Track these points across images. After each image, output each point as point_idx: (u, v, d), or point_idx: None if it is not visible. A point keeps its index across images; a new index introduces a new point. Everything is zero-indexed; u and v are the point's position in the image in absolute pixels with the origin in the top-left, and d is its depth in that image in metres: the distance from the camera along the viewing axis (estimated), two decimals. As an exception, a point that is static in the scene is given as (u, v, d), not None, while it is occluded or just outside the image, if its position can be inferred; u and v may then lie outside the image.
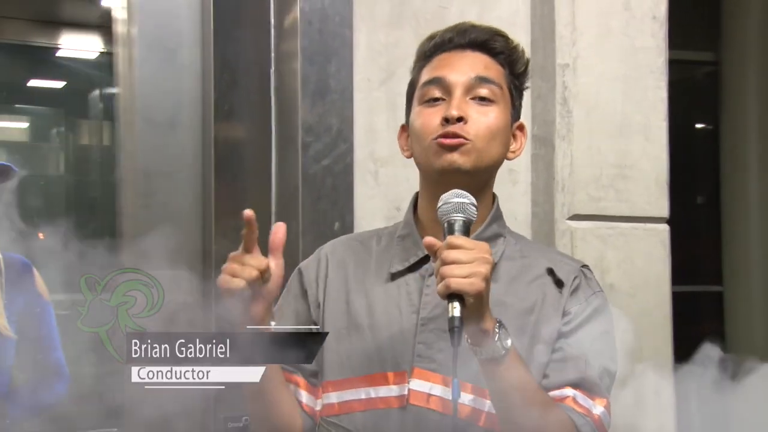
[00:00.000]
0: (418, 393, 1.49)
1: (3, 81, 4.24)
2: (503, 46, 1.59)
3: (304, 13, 2.12)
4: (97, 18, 3.66)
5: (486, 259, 1.33)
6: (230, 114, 2.23)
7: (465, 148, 1.49)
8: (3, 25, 3.62)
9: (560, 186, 2.24)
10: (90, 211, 4.36)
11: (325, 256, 1.65)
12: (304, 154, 2.13)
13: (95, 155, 4.56)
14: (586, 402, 1.49)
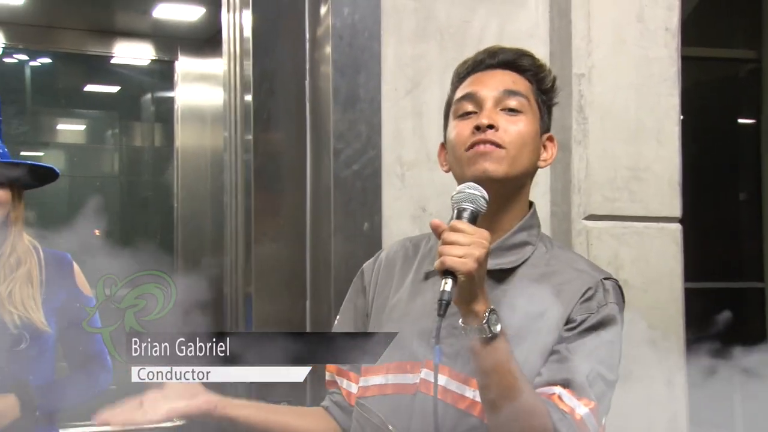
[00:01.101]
0: (426, 382, 1.57)
1: (61, 87, 4.43)
2: (530, 64, 1.68)
3: (335, 28, 2.24)
4: (148, 28, 3.82)
5: (482, 245, 1.41)
6: (268, 121, 2.35)
7: (498, 156, 1.57)
8: (61, 35, 3.77)
9: (576, 188, 2.34)
10: (142, 209, 4.55)
11: (381, 258, 1.76)
12: (336, 160, 2.24)
13: (147, 156, 4.72)
14: (571, 401, 1.52)
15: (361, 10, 2.24)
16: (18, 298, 2.29)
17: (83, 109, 4.78)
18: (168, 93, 4.07)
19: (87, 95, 4.68)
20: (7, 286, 2.29)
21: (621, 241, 2.37)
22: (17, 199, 2.34)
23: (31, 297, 2.32)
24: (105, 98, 4.76)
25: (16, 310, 2.28)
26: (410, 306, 1.65)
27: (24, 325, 2.28)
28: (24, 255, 2.34)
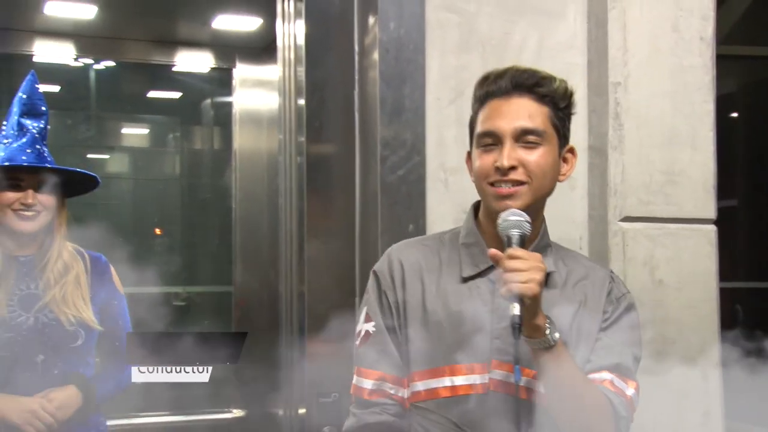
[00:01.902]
0: (497, 381, 1.69)
1: (126, 94, 4.60)
2: (547, 91, 1.76)
3: (382, 42, 2.35)
4: (208, 37, 3.96)
5: (540, 268, 1.57)
6: (320, 129, 2.47)
7: (520, 193, 1.69)
8: (126, 46, 3.93)
9: (613, 191, 2.42)
10: (202, 210, 4.70)
11: (397, 260, 1.82)
12: (383, 165, 2.35)
13: (207, 159, 4.88)
14: (621, 384, 1.71)
15: (406, 25, 2.35)
16: (70, 299, 2.38)
17: (147, 114, 4.94)
18: (226, 98, 4.20)
19: (150, 101, 4.84)
20: (60, 289, 2.38)
21: (656, 242, 2.44)
22: (61, 205, 2.42)
23: (81, 297, 2.41)
24: (167, 104, 4.91)
25: (70, 310, 2.37)
26: (456, 311, 1.74)
27: (78, 324, 2.38)
28: (70, 259, 2.43)
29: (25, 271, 2.39)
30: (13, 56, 4.07)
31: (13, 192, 2.34)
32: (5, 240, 2.38)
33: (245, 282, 3.78)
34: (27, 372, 2.33)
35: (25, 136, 2.37)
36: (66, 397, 2.35)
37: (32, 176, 2.35)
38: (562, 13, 2.51)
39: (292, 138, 2.65)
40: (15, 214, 2.35)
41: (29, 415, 2.30)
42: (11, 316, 2.33)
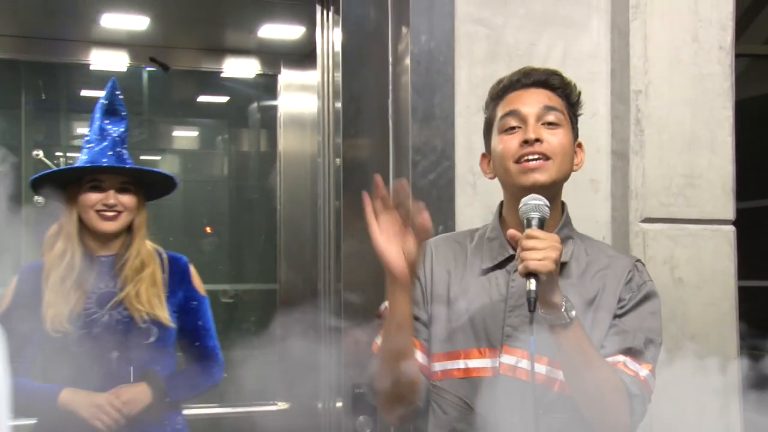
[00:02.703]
0: (507, 365, 1.80)
1: (177, 99, 4.76)
2: (560, 83, 1.89)
3: (414, 54, 2.48)
4: (254, 45, 4.06)
5: (556, 247, 1.64)
6: (355, 136, 2.60)
7: (545, 167, 1.80)
8: (177, 54, 4.02)
9: (634, 194, 2.53)
10: (248, 211, 4.83)
11: (430, 251, 1.96)
12: (414, 170, 2.48)
13: (253, 161, 5.01)
14: (634, 366, 1.78)
15: (436, 38, 2.49)
16: (144, 297, 2.44)
17: (196, 118, 5.10)
18: (271, 102, 4.31)
19: (200, 106, 4.98)
20: (134, 287, 2.44)
21: (676, 242, 2.54)
22: (141, 205, 2.51)
23: (156, 296, 2.47)
24: (215, 108, 5.05)
25: (143, 307, 2.43)
26: (474, 299, 1.86)
27: (151, 321, 2.44)
28: (147, 258, 2.49)
29: (105, 270, 2.47)
30: (71, 65, 4.25)
31: (95, 193, 2.43)
32: (88, 240, 2.47)
33: (289, 280, 3.86)
34: (102, 368, 2.41)
35: (106, 140, 2.45)
36: (135, 393, 2.40)
37: (113, 178, 2.44)
38: (586, 24, 2.62)
39: (330, 140, 2.77)
40: (97, 215, 2.42)
41: (96, 410, 2.35)
42: (87, 313, 2.40)
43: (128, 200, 2.46)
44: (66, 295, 2.40)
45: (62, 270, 2.42)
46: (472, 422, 1.82)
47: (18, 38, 3.81)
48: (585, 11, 2.62)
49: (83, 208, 2.45)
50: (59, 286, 2.41)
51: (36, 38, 3.81)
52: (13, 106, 4.53)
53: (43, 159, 4.28)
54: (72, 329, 2.38)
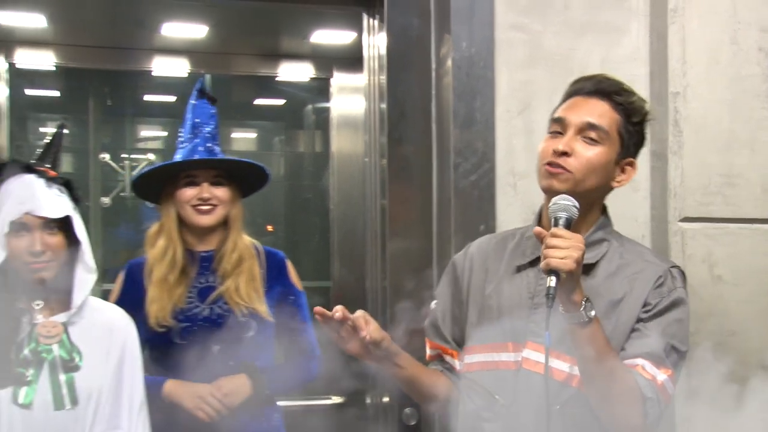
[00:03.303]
0: (529, 360, 1.87)
1: (235, 102, 4.93)
2: (624, 101, 1.92)
3: (455, 60, 2.56)
4: (308, 50, 4.19)
5: (579, 247, 1.70)
6: (400, 140, 2.68)
7: (563, 177, 1.86)
8: (235, 60, 4.20)
9: (672, 193, 2.56)
10: (303, 210, 4.98)
11: (471, 252, 2.06)
12: (456, 172, 2.55)
13: (308, 161, 5.15)
14: (653, 370, 1.81)
15: (477, 45, 2.56)
16: (244, 291, 2.47)
17: (253, 120, 5.28)
18: (324, 104, 4.42)
19: (257, 108, 5.16)
20: (233, 281, 2.47)
21: (715, 240, 2.57)
22: (236, 199, 2.53)
23: (254, 290, 2.49)
24: (272, 111, 5.23)
25: (243, 301, 2.46)
26: (505, 295, 1.94)
27: (250, 315, 2.47)
28: (245, 252, 2.52)
29: (205, 265, 2.51)
30: (135, 72, 4.46)
31: (190, 189, 2.47)
32: (187, 236, 2.52)
33: (342, 277, 3.95)
34: (204, 361, 2.44)
35: (197, 137, 2.50)
36: (235, 385, 2.44)
37: (206, 172, 2.47)
38: (625, 28, 2.67)
39: (376, 140, 2.86)
40: (193, 209, 2.47)
41: (198, 400, 2.40)
42: (189, 307, 2.46)
43: (222, 193, 2.49)
44: (169, 291, 2.45)
45: (165, 266, 2.47)
46: (496, 413, 1.90)
47: (85, 48, 4.01)
48: (624, 16, 2.67)
49: (180, 204, 2.49)
50: (162, 282, 2.46)
51: (102, 48, 4.00)
52: (82, 112, 4.75)
53: (109, 162, 4.48)
54: (175, 323, 2.44)
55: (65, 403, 2.05)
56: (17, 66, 3.96)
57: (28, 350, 2.05)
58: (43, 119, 5.01)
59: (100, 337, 2.15)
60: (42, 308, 2.12)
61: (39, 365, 2.05)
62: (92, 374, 2.10)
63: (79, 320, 2.13)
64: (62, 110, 5.01)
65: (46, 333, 2.08)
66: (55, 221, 2.09)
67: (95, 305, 2.21)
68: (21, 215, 2.06)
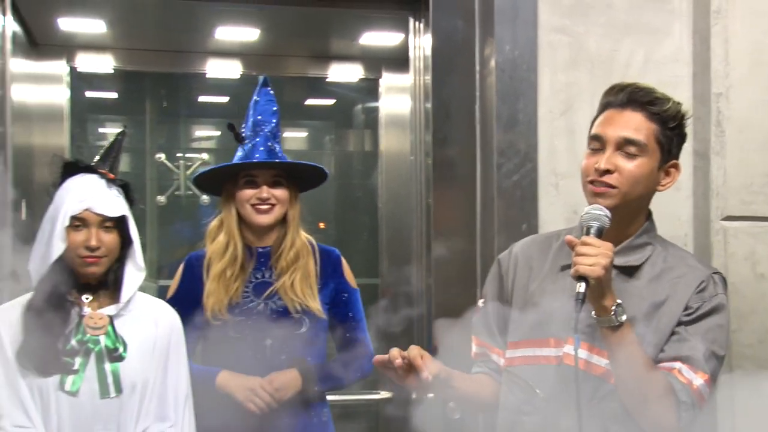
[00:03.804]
0: (569, 355, 1.92)
1: (286, 102, 4.80)
2: (658, 110, 1.94)
3: (498, 63, 2.61)
4: (357, 52, 4.27)
5: (607, 255, 1.76)
6: (445, 141, 2.74)
7: (609, 194, 1.90)
8: (286, 61, 4.30)
9: (715, 193, 2.59)
10: (353, 208, 5.03)
11: (515, 251, 2.12)
12: (499, 172, 2.60)
13: (357, 160, 5.20)
14: (689, 374, 1.85)
15: (520, 47, 2.61)
16: (298, 287, 2.51)
17: (304, 120, 5.32)
18: (374, 104, 4.48)
19: (308, 109, 5.22)
20: (289, 277, 2.52)
21: (757, 239, 2.58)
22: (294, 198, 2.57)
23: (309, 287, 2.53)
24: (322, 111, 5.27)
25: (297, 298, 2.50)
26: (548, 293, 1.99)
27: (304, 311, 2.51)
28: (301, 250, 2.56)
29: (262, 261, 2.56)
30: (189, 75, 4.57)
31: (249, 189, 2.52)
32: (247, 233, 2.56)
33: (390, 274, 4.01)
34: (257, 354, 2.50)
35: (258, 136, 2.54)
36: (286, 380, 2.47)
37: (266, 172, 2.51)
38: (668, 30, 2.69)
39: (422, 139, 2.93)
40: (253, 208, 2.51)
41: (250, 393, 2.44)
42: (244, 301, 2.51)
43: (281, 193, 2.53)
44: (226, 285, 2.50)
45: (225, 261, 2.52)
46: (536, 405, 1.96)
47: (143, 52, 4.14)
48: (667, 17, 2.70)
49: (240, 202, 2.54)
50: (220, 276, 2.51)
51: (158, 51, 4.12)
52: (139, 114, 4.88)
53: (165, 161, 4.60)
54: (230, 317, 2.49)
55: (110, 391, 2.16)
56: (78, 69, 4.10)
57: (76, 340, 2.16)
58: (102, 120, 5.13)
59: (145, 331, 2.24)
60: (91, 301, 2.23)
61: (86, 355, 2.16)
62: (136, 365, 2.20)
63: (126, 314, 2.23)
64: (120, 112, 5.13)
65: (93, 324, 2.19)
66: (112, 220, 2.20)
67: (142, 300, 2.31)
68: (81, 211, 2.17)
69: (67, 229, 2.16)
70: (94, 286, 2.23)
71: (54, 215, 2.18)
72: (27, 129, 3.63)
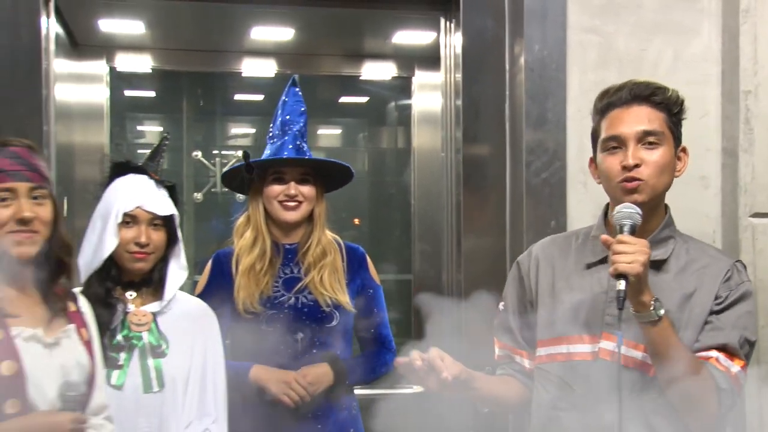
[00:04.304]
0: (605, 350, 1.96)
1: (321, 100, 5.03)
2: (662, 98, 2.00)
3: (528, 62, 2.66)
4: (390, 50, 4.29)
5: (644, 252, 1.81)
6: (474, 140, 2.79)
7: (642, 187, 1.95)
8: (320, 60, 4.34)
9: (743, 190, 2.61)
10: (386, 205, 5.06)
11: (536, 253, 2.15)
12: (528, 170, 2.65)
13: (390, 157, 5.24)
14: (727, 362, 1.91)
15: (549, 47, 2.65)
16: (327, 283, 2.55)
17: (338, 118, 5.38)
18: (406, 101, 4.51)
19: (341, 106, 5.27)
20: (318, 273, 2.55)
21: (785, 235, 2.60)
22: (320, 196, 2.61)
23: (338, 281, 2.57)
24: (356, 108, 5.32)
25: (327, 292, 2.54)
26: (577, 290, 2.03)
27: (334, 306, 2.55)
28: (328, 246, 2.60)
29: (290, 257, 2.60)
30: (225, 74, 4.65)
31: (278, 185, 2.55)
32: (274, 229, 2.60)
33: (422, 271, 4.04)
34: (288, 348, 2.53)
35: (287, 135, 2.56)
36: (319, 374, 2.50)
37: (294, 170, 2.54)
38: (697, 29, 2.73)
39: (452, 136, 2.95)
40: (280, 205, 2.55)
41: (284, 386, 2.47)
42: (275, 296, 2.54)
43: (308, 191, 2.56)
44: (256, 279, 2.53)
45: (253, 256, 2.55)
46: (572, 401, 2.00)
47: (180, 52, 4.20)
48: (696, 16, 2.73)
49: (268, 199, 2.57)
50: (249, 271, 2.54)
51: (195, 51, 4.19)
52: (176, 112, 4.97)
53: (201, 159, 4.67)
54: (262, 311, 2.52)
55: (153, 386, 2.23)
56: (117, 69, 4.18)
57: (121, 336, 2.24)
58: (140, 119, 5.23)
59: (185, 328, 2.31)
60: (135, 298, 2.30)
61: (130, 351, 2.24)
62: (178, 361, 2.27)
63: (168, 311, 2.30)
64: (158, 110, 5.22)
65: (137, 321, 2.26)
66: (160, 218, 2.28)
67: (182, 299, 2.38)
68: (133, 208, 2.25)
69: (118, 226, 2.24)
70: (138, 283, 2.30)
71: (106, 212, 2.26)
72: (68, 127, 3.70)
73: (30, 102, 2.61)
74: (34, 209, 1.93)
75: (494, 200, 2.79)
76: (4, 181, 1.92)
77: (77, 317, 2.06)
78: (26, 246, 1.92)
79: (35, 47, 2.63)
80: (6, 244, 1.90)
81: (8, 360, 1.85)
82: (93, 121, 4.02)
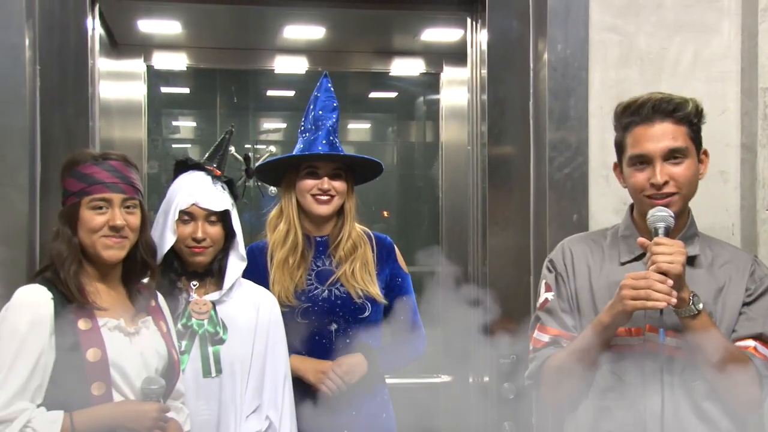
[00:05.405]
0: (650, 342, 2.07)
1: (351, 96, 5.15)
2: (684, 114, 2.08)
3: (551, 61, 2.74)
4: (419, 47, 4.36)
5: (682, 252, 1.94)
6: (499, 136, 2.87)
7: (672, 201, 2.06)
8: (351, 57, 4.42)
9: (761, 184, 2.68)
10: (414, 198, 5.15)
11: (568, 249, 2.24)
12: (551, 165, 2.73)
13: (419, 151, 5.32)
14: (764, 350, 2.04)
15: (571, 46, 2.73)
16: (359, 275, 2.60)
17: (368, 113, 5.49)
18: (434, 97, 4.58)
19: (371, 101, 5.37)
20: (349, 266, 2.61)
21: (804, 229, 2.66)
22: (351, 190, 2.66)
23: (368, 273, 2.63)
24: (385, 103, 5.42)
25: (358, 284, 2.59)
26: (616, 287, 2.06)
27: (366, 297, 2.60)
28: (358, 239, 2.65)
29: (321, 250, 2.65)
30: (258, 71, 4.77)
31: (311, 179, 2.60)
32: (305, 222, 2.65)
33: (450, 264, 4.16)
34: (323, 339, 2.59)
35: (320, 130, 2.60)
36: (353, 363, 2.55)
37: (327, 164, 2.59)
38: (717, 28, 2.79)
39: (479, 130, 3.02)
40: (313, 199, 2.60)
41: (322, 376, 2.53)
42: (309, 289, 2.60)
43: (340, 185, 2.61)
44: (290, 272, 2.59)
45: (287, 249, 2.61)
46: (620, 390, 2.10)
47: (214, 50, 4.31)
48: (716, 15, 2.79)
49: (300, 192, 2.62)
50: (283, 264, 2.60)
51: (229, 49, 4.29)
52: (210, 108, 5.09)
53: (234, 154, 4.77)
54: (297, 303, 2.58)
55: (212, 371, 2.35)
56: (154, 67, 4.30)
57: (182, 324, 2.37)
58: (176, 115, 5.35)
59: (246, 315, 2.43)
60: (197, 288, 2.43)
61: (191, 337, 2.36)
62: (236, 348, 2.38)
63: (228, 300, 2.43)
64: (193, 107, 5.35)
65: (198, 309, 2.39)
66: (216, 214, 2.40)
67: (245, 287, 2.49)
68: (189, 205, 2.37)
69: (177, 222, 2.37)
70: (201, 273, 2.43)
71: (167, 209, 2.39)
72: (109, 123, 3.82)
73: (78, 100, 2.73)
74: (125, 218, 2.12)
75: (518, 194, 2.86)
76: (102, 192, 2.10)
77: (157, 311, 2.24)
78: (116, 250, 2.12)
79: (82, 47, 2.74)
80: (99, 247, 2.11)
81: (94, 347, 2.04)
82: (131, 117, 4.14)
